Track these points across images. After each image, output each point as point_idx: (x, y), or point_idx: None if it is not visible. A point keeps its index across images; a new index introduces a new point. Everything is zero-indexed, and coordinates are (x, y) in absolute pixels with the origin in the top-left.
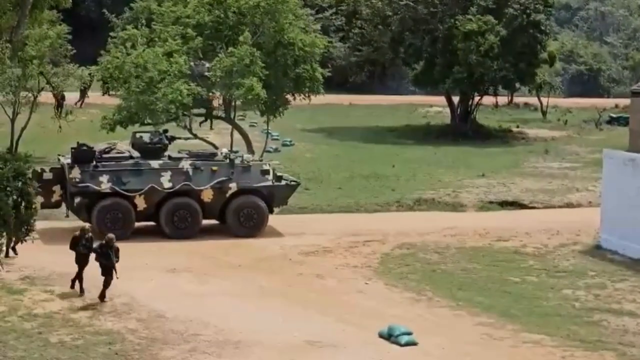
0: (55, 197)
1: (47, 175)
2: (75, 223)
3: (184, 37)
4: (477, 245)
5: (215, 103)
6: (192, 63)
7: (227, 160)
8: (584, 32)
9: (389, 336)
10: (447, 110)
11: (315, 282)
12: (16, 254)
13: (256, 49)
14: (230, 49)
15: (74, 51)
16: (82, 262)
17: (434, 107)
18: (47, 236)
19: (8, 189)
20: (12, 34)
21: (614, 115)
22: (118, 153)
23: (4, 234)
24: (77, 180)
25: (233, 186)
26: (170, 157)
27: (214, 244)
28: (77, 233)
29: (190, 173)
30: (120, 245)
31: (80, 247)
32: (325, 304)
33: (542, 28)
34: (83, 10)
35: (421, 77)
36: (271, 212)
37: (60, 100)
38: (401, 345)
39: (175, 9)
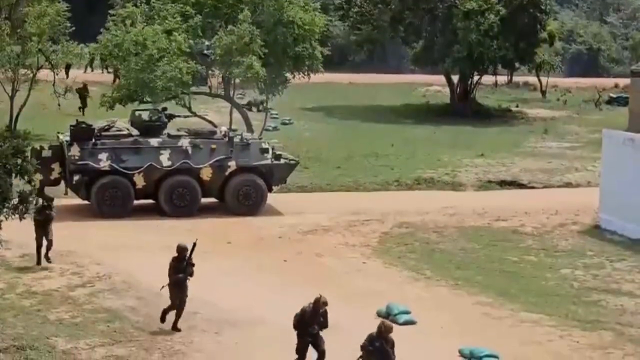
0: (55, 175)
1: (46, 153)
2: (74, 201)
3: (183, 15)
4: (476, 225)
5: (215, 81)
6: (191, 41)
7: (226, 139)
8: (584, 11)
9: (387, 315)
10: (447, 89)
11: (314, 261)
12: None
13: (255, 27)
14: (230, 27)
15: (73, 28)
16: (308, 346)
17: (434, 86)
18: None
19: (7, 166)
20: (11, 11)
21: (613, 95)
22: (117, 131)
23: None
24: (76, 157)
25: (232, 164)
26: (169, 135)
27: (213, 222)
28: (307, 306)
29: (190, 151)
30: (119, 223)
31: (313, 326)
32: (323, 283)
33: (542, 7)
34: None
35: (421, 56)
36: (270, 190)
37: (85, 94)
38: (399, 324)
39: None
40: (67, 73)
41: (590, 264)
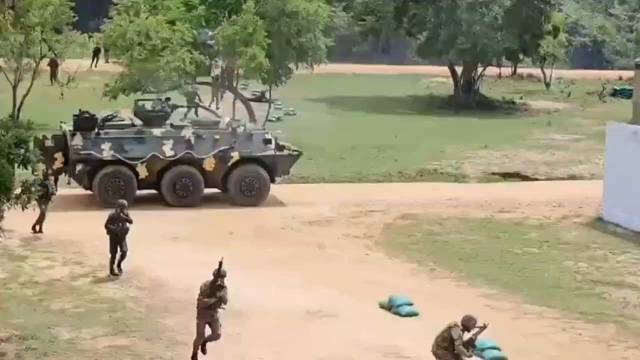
0: (57, 165)
1: (49, 143)
2: (77, 191)
3: (187, 5)
4: (480, 217)
5: (218, 71)
6: (194, 31)
7: (230, 129)
8: (588, 3)
9: (389, 307)
10: (451, 80)
11: (316, 252)
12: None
13: (259, 17)
14: (233, 17)
15: (77, 18)
16: None
17: (437, 78)
18: None
19: (10, 156)
20: (15, 1)
21: (617, 88)
22: (120, 121)
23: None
24: (79, 147)
25: (235, 155)
26: (172, 125)
27: (216, 213)
28: None
29: (193, 141)
30: None
31: None
32: (326, 274)
33: None
34: None
35: (425, 48)
36: (273, 181)
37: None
38: (402, 316)
39: None
40: (53, 74)
41: (593, 256)
